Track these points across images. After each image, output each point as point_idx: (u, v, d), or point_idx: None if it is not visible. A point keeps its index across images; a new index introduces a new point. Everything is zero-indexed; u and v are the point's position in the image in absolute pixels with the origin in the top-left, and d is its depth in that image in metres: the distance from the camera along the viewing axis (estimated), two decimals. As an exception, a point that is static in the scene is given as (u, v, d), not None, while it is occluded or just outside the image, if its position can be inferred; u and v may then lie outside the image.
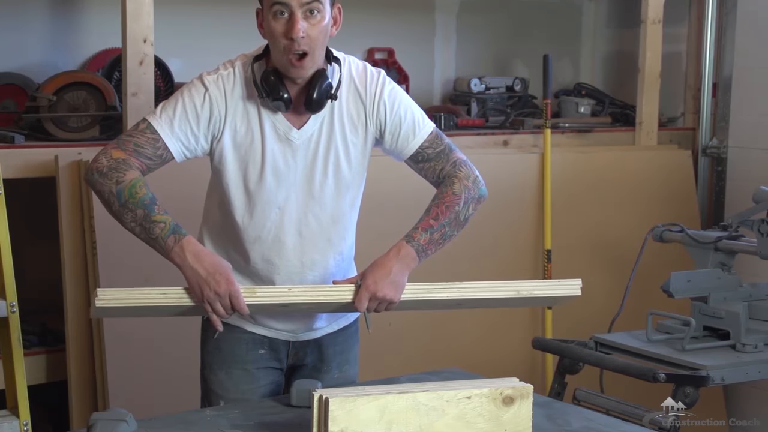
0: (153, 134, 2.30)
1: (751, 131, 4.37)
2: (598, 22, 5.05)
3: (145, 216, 2.24)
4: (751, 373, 2.99)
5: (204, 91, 2.32)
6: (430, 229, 2.34)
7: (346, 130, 2.37)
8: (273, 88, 2.29)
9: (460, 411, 2.06)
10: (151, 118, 2.31)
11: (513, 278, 4.00)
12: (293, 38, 2.22)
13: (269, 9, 2.25)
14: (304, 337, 2.50)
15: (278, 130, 2.33)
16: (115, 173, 2.26)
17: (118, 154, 2.28)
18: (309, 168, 2.36)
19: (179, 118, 2.30)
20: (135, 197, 2.24)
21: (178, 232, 2.24)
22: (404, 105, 2.41)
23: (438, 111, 4.30)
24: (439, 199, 2.38)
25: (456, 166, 2.41)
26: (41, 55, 3.86)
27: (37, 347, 3.55)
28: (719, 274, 3.18)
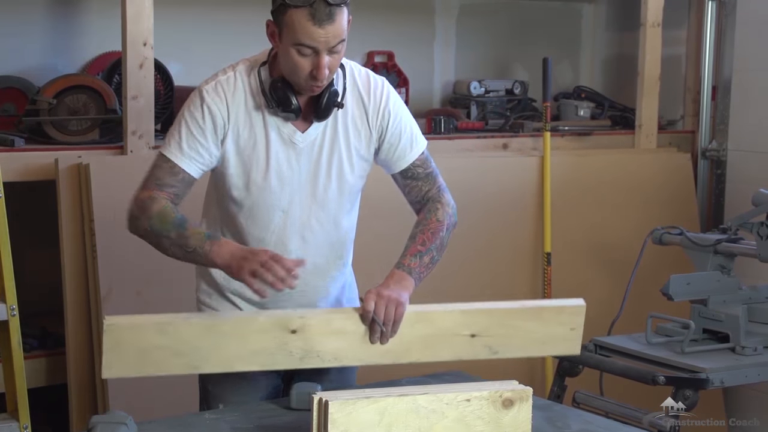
0: (167, 163, 2.32)
1: (750, 134, 4.37)
2: (598, 25, 5.05)
3: (178, 235, 2.25)
4: (751, 375, 2.99)
5: (201, 103, 2.32)
6: (419, 254, 2.35)
7: (350, 135, 2.38)
8: (283, 98, 2.28)
9: (460, 414, 2.06)
10: (162, 149, 2.34)
11: (513, 281, 4.04)
12: (319, 78, 2.22)
13: (292, 44, 2.21)
14: None
15: (282, 133, 2.34)
16: (145, 211, 2.29)
17: (143, 195, 2.32)
18: (313, 172, 2.37)
19: (186, 139, 2.31)
20: (166, 223, 2.27)
21: (213, 237, 2.25)
22: (405, 118, 2.43)
23: (437, 114, 4.31)
24: (423, 226, 2.40)
25: (440, 191, 2.46)
26: (41, 58, 3.87)
27: (37, 350, 3.55)
28: (719, 276, 3.18)
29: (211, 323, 2.21)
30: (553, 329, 2.39)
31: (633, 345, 3.12)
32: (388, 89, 2.41)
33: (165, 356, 2.16)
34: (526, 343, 2.33)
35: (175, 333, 2.17)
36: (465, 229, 3.96)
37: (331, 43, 2.19)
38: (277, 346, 2.22)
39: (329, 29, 2.18)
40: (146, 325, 2.16)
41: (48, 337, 3.62)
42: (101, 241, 3.32)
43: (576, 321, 2.41)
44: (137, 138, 3.44)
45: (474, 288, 3.98)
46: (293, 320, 2.23)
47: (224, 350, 2.20)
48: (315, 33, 2.17)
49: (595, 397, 3.05)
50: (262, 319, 2.23)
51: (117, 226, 3.34)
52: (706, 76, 4.53)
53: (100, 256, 3.32)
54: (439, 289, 3.83)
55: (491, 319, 2.35)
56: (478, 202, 4.01)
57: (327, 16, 2.17)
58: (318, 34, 2.17)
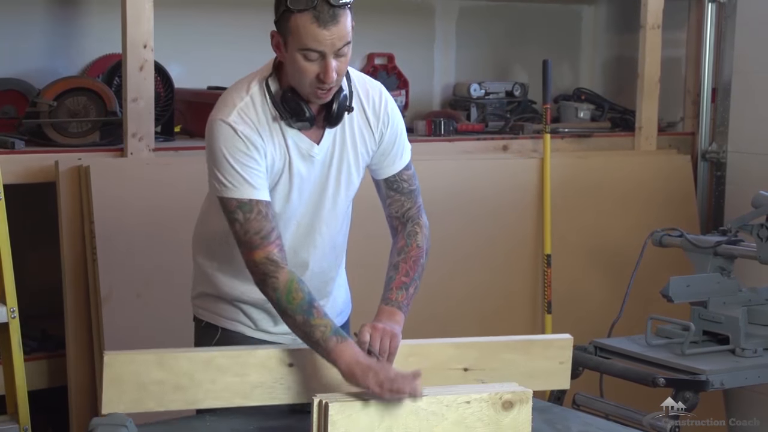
0: (248, 207, 2.23)
1: (750, 136, 4.37)
2: (598, 27, 5.06)
3: (304, 321, 2.20)
4: (751, 377, 2.99)
5: (235, 133, 2.24)
6: (405, 286, 2.35)
7: (357, 141, 2.37)
8: (296, 108, 2.26)
9: (460, 416, 2.06)
10: (232, 193, 2.23)
11: (513, 282, 4.05)
12: (327, 82, 2.20)
13: (298, 50, 2.18)
14: None
15: (301, 148, 2.32)
16: (269, 278, 2.22)
17: (258, 256, 2.23)
18: (323, 180, 2.37)
19: (246, 174, 2.23)
20: (292, 304, 2.21)
21: (338, 334, 2.20)
22: (400, 125, 2.43)
23: (437, 116, 4.31)
24: (405, 254, 2.39)
25: (419, 211, 2.46)
26: (41, 60, 3.87)
27: (38, 352, 3.55)
28: (718, 278, 3.18)
29: (209, 357, 2.22)
30: (542, 363, 2.41)
31: (633, 347, 3.12)
32: (386, 94, 2.41)
33: (164, 391, 2.18)
34: (517, 377, 2.32)
35: (175, 367, 2.18)
36: (465, 231, 3.99)
37: (337, 45, 2.17)
38: (275, 380, 2.24)
39: (334, 30, 2.16)
40: (146, 359, 2.18)
41: (48, 339, 3.62)
42: (101, 243, 3.32)
43: (564, 355, 2.44)
44: (137, 140, 3.44)
45: (474, 290, 3.98)
46: (290, 354, 2.25)
47: (222, 384, 2.21)
48: (320, 35, 2.15)
49: (595, 399, 3.05)
50: (259, 353, 2.24)
51: (117, 228, 3.36)
52: (706, 78, 4.53)
53: (100, 258, 3.32)
54: (439, 291, 3.84)
55: (482, 352, 2.37)
56: (478, 204, 4.02)
57: (331, 18, 2.15)
58: (323, 37, 2.16)
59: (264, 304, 2.44)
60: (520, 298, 4.10)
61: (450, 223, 3.90)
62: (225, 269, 2.47)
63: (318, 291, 2.45)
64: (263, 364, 2.23)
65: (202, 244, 2.51)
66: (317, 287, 2.44)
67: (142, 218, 3.38)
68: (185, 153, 3.59)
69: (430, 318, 3.78)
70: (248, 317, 2.48)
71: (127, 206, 3.39)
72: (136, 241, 3.37)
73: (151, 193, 3.40)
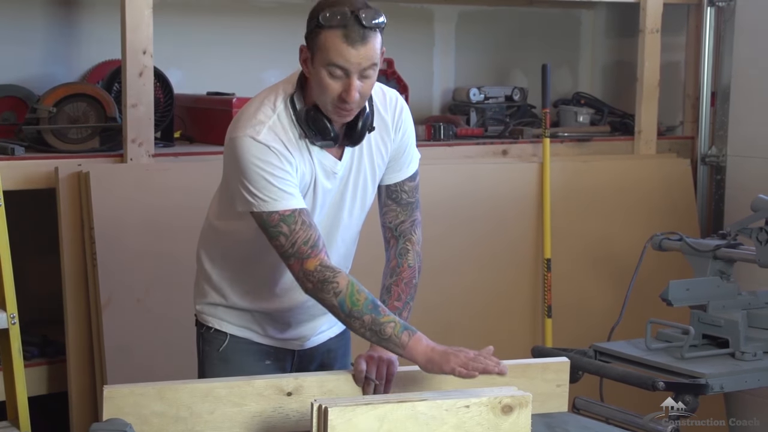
0: (292, 218, 2.22)
1: (749, 140, 4.38)
2: (597, 31, 5.06)
3: (373, 320, 2.21)
4: (751, 381, 2.98)
5: (266, 148, 2.22)
6: (397, 312, 2.35)
7: (374, 155, 2.38)
8: (322, 128, 2.26)
9: (459, 420, 2.06)
10: (271, 206, 2.22)
11: (513, 287, 4.05)
12: (348, 102, 2.20)
13: (324, 65, 2.19)
14: (309, 344, 2.53)
15: (325, 165, 2.32)
16: (328, 284, 2.22)
17: (309, 266, 2.23)
18: (341, 195, 2.38)
19: (280, 185, 2.22)
20: (358, 305, 2.22)
21: (408, 329, 2.23)
22: (411, 134, 2.45)
23: (437, 121, 4.31)
24: (397, 277, 2.40)
25: (413, 226, 2.45)
26: (41, 67, 3.87)
27: (38, 358, 3.55)
28: (718, 282, 3.18)
29: (208, 388, 2.23)
30: (540, 386, 2.41)
31: (633, 351, 3.12)
32: (402, 102, 2.43)
33: (165, 423, 2.18)
34: None
35: (174, 398, 2.19)
36: (465, 236, 3.99)
37: (363, 65, 2.18)
38: (274, 409, 2.24)
39: (362, 51, 2.17)
40: (145, 391, 2.18)
41: (48, 345, 3.62)
42: (101, 248, 3.33)
43: (561, 378, 2.45)
44: (137, 146, 3.45)
45: (474, 295, 3.99)
46: (288, 383, 2.26)
47: (221, 414, 2.22)
48: (347, 53, 2.16)
49: (595, 403, 3.05)
50: (257, 383, 2.24)
51: (117, 234, 3.36)
52: (705, 82, 4.53)
53: (100, 263, 3.32)
54: (440, 295, 3.84)
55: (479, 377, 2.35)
56: (478, 208, 4.02)
57: (360, 38, 2.16)
58: (350, 55, 2.16)
59: (274, 313, 2.45)
60: (520, 302, 4.10)
61: (450, 227, 3.90)
62: (239, 281, 2.47)
63: None
64: (261, 393, 2.24)
65: (214, 255, 2.49)
66: None
67: (142, 224, 3.39)
68: (185, 159, 3.59)
69: (431, 323, 3.77)
70: (257, 323, 2.49)
71: (127, 212, 3.39)
72: (136, 247, 3.37)
73: (150, 199, 3.40)
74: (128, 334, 3.32)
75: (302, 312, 2.47)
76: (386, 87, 2.44)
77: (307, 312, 2.47)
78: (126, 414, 2.15)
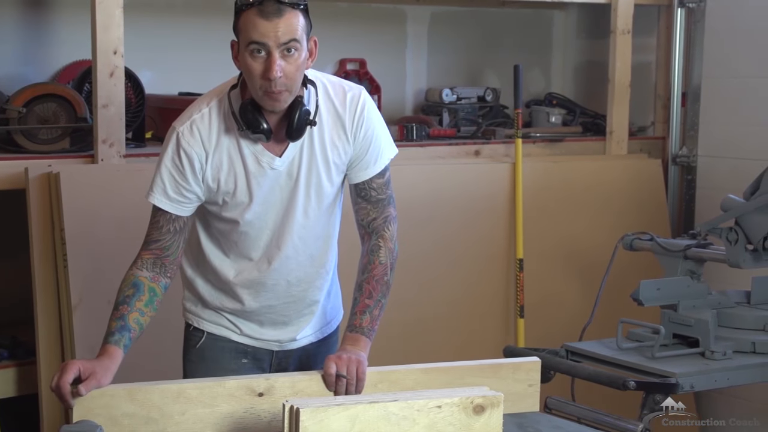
0: (155, 214, 2.36)
1: (720, 140, 4.41)
2: (569, 32, 5.08)
3: (110, 315, 2.32)
4: (720, 380, 3.00)
5: (177, 147, 2.32)
6: (368, 309, 2.37)
7: (327, 150, 2.37)
8: (252, 120, 2.28)
9: (431, 420, 2.06)
10: (149, 196, 2.36)
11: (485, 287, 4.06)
12: (271, 78, 2.21)
13: (246, 47, 2.22)
14: (289, 346, 2.53)
15: (261, 161, 2.33)
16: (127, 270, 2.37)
17: (137, 255, 2.38)
18: (292, 191, 2.37)
19: (169, 184, 2.33)
20: (115, 299, 2.33)
21: (108, 342, 2.28)
22: (377, 131, 2.42)
23: (410, 121, 4.32)
24: (368, 274, 2.41)
25: (386, 222, 2.45)
26: (11, 67, 3.85)
27: (8, 360, 3.53)
28: (688, 282, 3.20)
29: (179, 389, 2.22)
30: (511, 386, 2.42)
31: (604, 350, 3.13)
32: (364, 99, 2.40)
33: (135, 424, 2.17)
34: None
35: (145, 399, 2.18)
36: (438, 236, 4.00)
37: (281, 39, 2.19)
38: (245, 410, 2.24)
39: (278, 23, 2.18)
40: (116, 392, 2.17)
41: (18, 346, 3.59)
42: (72, 250, 3.31)
43: (533, 377, 2.46)
44: (108, 146, 3.43)
45: (446, 295, 3.99)
46: (259, 383, 2.25)
47: (193, 416, 2.21)
48: (263, 27, 2.18)
49: (567, 403, 3.06)
50: (229, 384, 2.24)
51: (88, 235, 3.34)
52: (676, 82, 4.56)
53: (70, 265, 3.30)
54: (412, 296, 3.84)
55: (451, 377, 2.37)
56: (451, 209, 4.03)
57: (275, 11, 2.19)
58: (266, 28, 2.18)
59: (245, 313, 2.45)
60: (493, 302, 4.12)
61: (422, 228, 3.91)
62: (205, 279, 2.49)
63: (300, 301, 2.48)
64: (232, 394, 2.24)
65: (188, 254, 2.51)
66: (298, 297, 2.46)
67: (113, 225, 3.37)
68: (156, 159, 3.57)
69: (403, 324, 3.79)
70: (232, 323, 2.50)
71: (97, 213, 3.38)
72: (107, 248, 3.35)
73: (122, 200, 3.38)
74: (99, 336, 3.26)
75: (271, 312, 2.47)
76: (350, 84, 2.43)
77: (278, 313, 2.47)
78: (96, 415, 2.14)
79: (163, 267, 2.35)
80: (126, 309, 2.28)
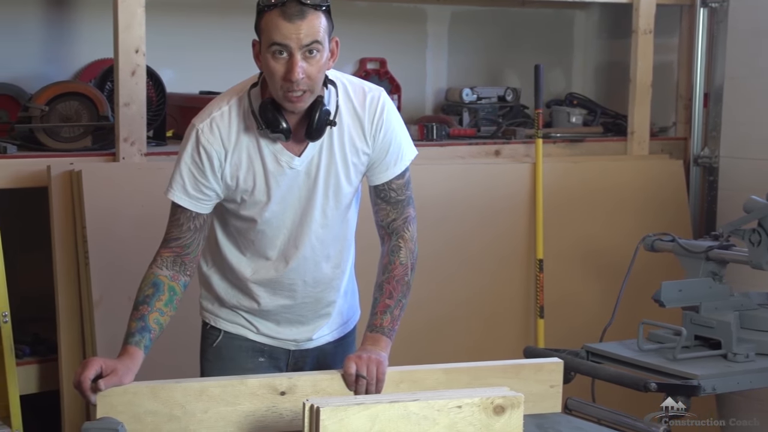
0: (174, 214, 2.37)
1: (742, 141, 4.38)
2: (590, 32, 5.07)
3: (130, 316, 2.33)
4: (743, 382, 2.98)
5: (197, 144, 2.33)
6: (389, 309, 2.38)
7: (347, 151, 2.38)
8: (272, 120, 2.28)
9: (451, 420, 2.06)
10: (168, 192, 2.36)
11: (505, 287, 4.05)
12: (292, 80, 2.21)
13: (267, 47, 2.22)
14: (306, 345, 2.53)
15: (280, 160, 2.34)
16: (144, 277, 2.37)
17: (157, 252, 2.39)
18: (311, 191, 2.38)
19: (188, 181, 2.34)
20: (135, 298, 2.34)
21: (128, 344, 2.30)
22: (397, 132, 2.42)
23: (430, 121, 4.31)
24: (389, 274, 2.41)
25: (406, 223, 2.45)
26: (34, 65, 3.87)
27: (30, 357, 3.54)
28: (710, 283, 3.19)
29: (201, 387, 2.23)
30: (533, 387, 2.42)
31: (625, 352, 3.12)
32: (384, 100, 2.40)
33: (158, 421, 2.18)
34: None
35: (168, 397, 2.19)
36: (457, 236, 3.99)
37: (303, 40, 2.19)
38: (267, 409, 2.25)
39: (300, 25, 2.18)
40: (139, 390, 2.18)
41: (40, 343, 3.61)
42: (93, 247, 3.32)
43: (555, 378, 2.45)
44: (129, 145, 3.44)
45: (466, 294, 3.99)
46: (281, 382, 2.26)
47: (215, 414, 2.22)
48: (285, 29, 2.18)
49: (587, 404, 3.05)
50: (251, 382, 2.25)
51: (109, 232, 3.35)
52: (698, 83, 4.54)
53: (92, 262, 3.32)
54: (432, 296, 3.84)
55: (472, 377, 2.37)
56: (470, 209, 4.02)
57: (298, 13, 2.18)
58: (288, 30, 2.18)
59: (261, 312, 2.46)
60: (513, 302, 4.11)
61: (442, 227, 3.90)
62: (222, 277, 2.50)
63: (316, 301, 2.48)
64: (254, 392, 2.24)
65: (206, 252, 2.52)
66: (315, 297, 2.47)
67: (134, 223, 3.38)
68: (177, 157, 3.58)
69: (423, 323, 3.79)
70: (249, 322, 2.51)
71: (118, 211, 3.39)
72: (128, 246, 3.36)
73: (142, 198, 3.39)
74: (120, 333, 3.27)
75: (287, 312, 2.47)
76: (370, 85, 2.43)
77: (294, 314, 2.47)
78: (119, 413, 2.15)
79: (183, 265, 2.36)
80: (146, 309, 2.29)
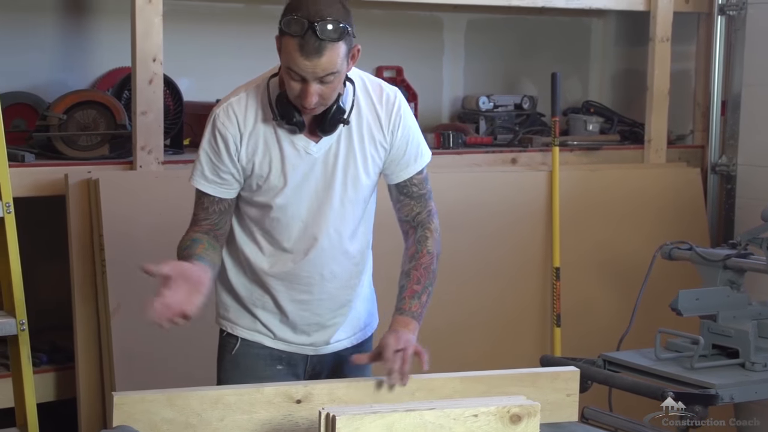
0: (200, 198, 2.41)
1: (760, 149, 4.36)
2: (607, 40, 5.06)
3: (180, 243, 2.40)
4: (761, 391, 2.97)
5: (213, 129, 2.37)
6: (417, 295, 2.39)
7: (366, 142, 2.40)
8: (286, 112, 2.31)
9: (467, 429, 2.06)
10: (192, 180, 2.41)
11: (521, 295, 4.04)
12: (305, 106, 2.25)
13: (285, 66, 2.25)
14: (324, 350, 2.53)
15: (297, 145, 2.36)
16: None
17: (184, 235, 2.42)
18: (329, 180, 2.39)
19: (207, 166, 2.39)
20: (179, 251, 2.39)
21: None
22: (414, 130, 2.46)
23: (446, 129, 4.31)
24: (416, 261, 2.43)
25: (430, 215, 2.48)
26: (51, 74, 3.89)
27: (47, 365, 3.56)
28: (728, 292, 3.17)
29: (217, 395, 2.23)
30: (549, 395, 2.40)
31: (642, 360, 3.11)
32: (400, 99, 2.43)
33: (175, 429, 2.18)
34: None
35: (184, 405, 2.19)
36: (474, 244, 3.99)
37: (319, 74, 2.22)
38: (283, 417, 2.24)
39: (316, 62, 2.20)
40: (155, 398, 2.18)
41: (57, 351, 3.63)
42: (110, 255, 3.33)
43: (571, 387, 2.44)
44: (146, 153, 3.45)
45: (483, 302, 3.98)
46: (297, 390, 2.26)
47: (231, 422, 2.22)
48: (302, 64, 2.20)
49: (603, 413, 3.04)
50: (267, 390, 2.25)
51: (126, 240, 3.36)
52: (716, 90, 4.52)
53: (109, 270, 3.33)
54: (449, 303, 3.83)
55: (488, 386, 2.36)
56: (487, 217, 4.01)
57: (315, 50, 2.19)
58: (305, 66, 2.20)
59: (277, 312, 2.46)
60: (530, 311, 4.10)
61: (459, 235, 3.90)
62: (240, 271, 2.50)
63: (333, 298, 2.48)
64: (270, 401, 2.24)
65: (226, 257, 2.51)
66: (331, 293, 2.47)
67: (151, 231, 3.39)
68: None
69: (440, 330, 3.78)
70: (266, 327, 2.50)
71: (136, 219, 3.40)
72: (145, 254, 3.36)
73: (160, 206, 3.41)
74: (137, 341, 3.32)
75: (304, 310, 2.47)
76: (387, 85, 2.45)
77: (311, 311, 2.47)
78: (136, 421, 2.15)
79: (215, 237, 2.40)
80: (189, 254, 2.32)
